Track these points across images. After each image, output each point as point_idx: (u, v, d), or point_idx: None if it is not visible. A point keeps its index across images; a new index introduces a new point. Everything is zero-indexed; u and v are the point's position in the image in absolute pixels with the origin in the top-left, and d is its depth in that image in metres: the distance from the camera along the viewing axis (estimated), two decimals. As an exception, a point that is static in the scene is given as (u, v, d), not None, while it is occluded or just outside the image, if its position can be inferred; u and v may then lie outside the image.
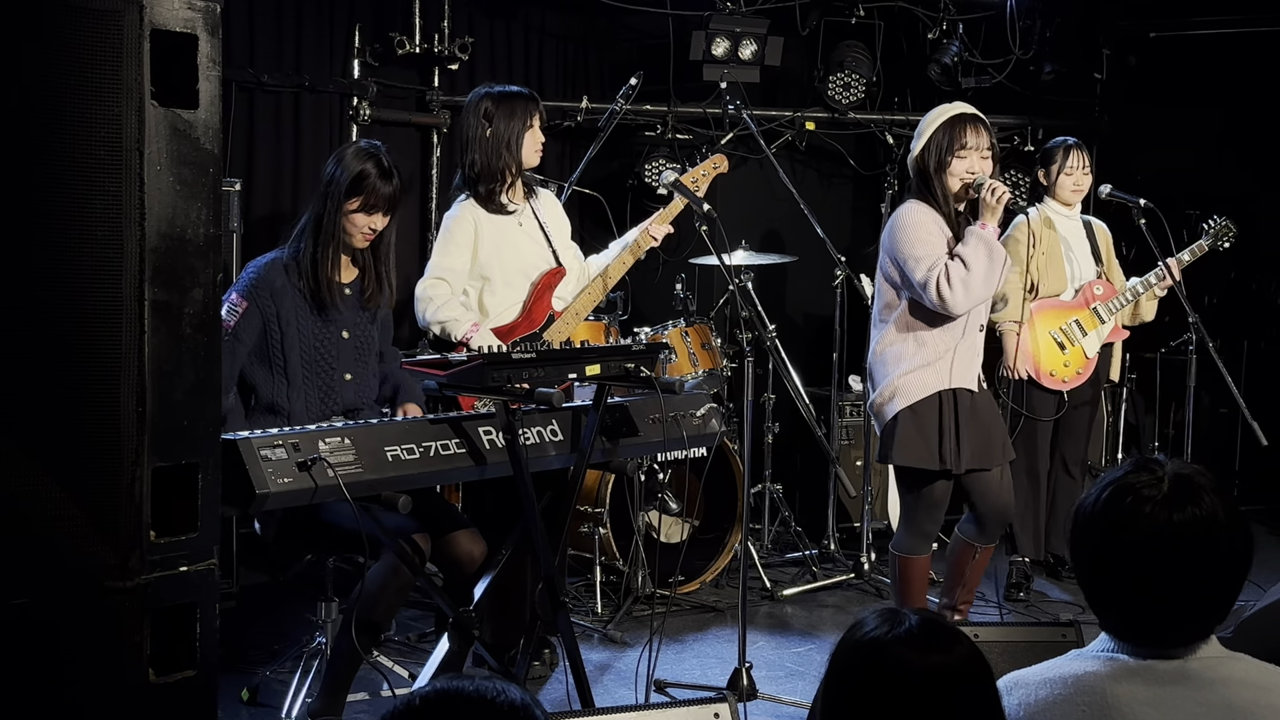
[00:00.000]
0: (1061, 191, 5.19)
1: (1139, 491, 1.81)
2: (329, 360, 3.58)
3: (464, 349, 4.21)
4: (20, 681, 1.96)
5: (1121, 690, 1.80)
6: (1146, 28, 6.92)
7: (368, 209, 3.57)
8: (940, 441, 3.93)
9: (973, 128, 3.92)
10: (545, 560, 3.18)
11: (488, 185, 4.17)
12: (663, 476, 5.10)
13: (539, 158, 4.29)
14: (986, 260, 3.84)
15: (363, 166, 3.57)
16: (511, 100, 4.18)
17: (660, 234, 4.38)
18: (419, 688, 1.49)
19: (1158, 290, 5.16)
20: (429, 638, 4.51)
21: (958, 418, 3.94)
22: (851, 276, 5.50)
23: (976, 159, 3.91)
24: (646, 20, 6.19)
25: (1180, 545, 1.78)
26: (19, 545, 1.94)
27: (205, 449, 2.13)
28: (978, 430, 3.96)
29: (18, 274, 1.92)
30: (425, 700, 1.46)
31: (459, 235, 4.15)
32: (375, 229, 3.62)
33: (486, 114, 4.15)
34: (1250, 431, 4.83)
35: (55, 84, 1.94)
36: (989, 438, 3.99)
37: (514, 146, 4.15)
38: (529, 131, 4.18)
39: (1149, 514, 1.79)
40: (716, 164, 4.53)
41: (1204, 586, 1.80)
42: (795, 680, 4.27)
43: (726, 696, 2.29)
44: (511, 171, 4.17)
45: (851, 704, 1.65)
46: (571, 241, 4.47)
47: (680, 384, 3.33)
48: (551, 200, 4.46)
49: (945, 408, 3.94)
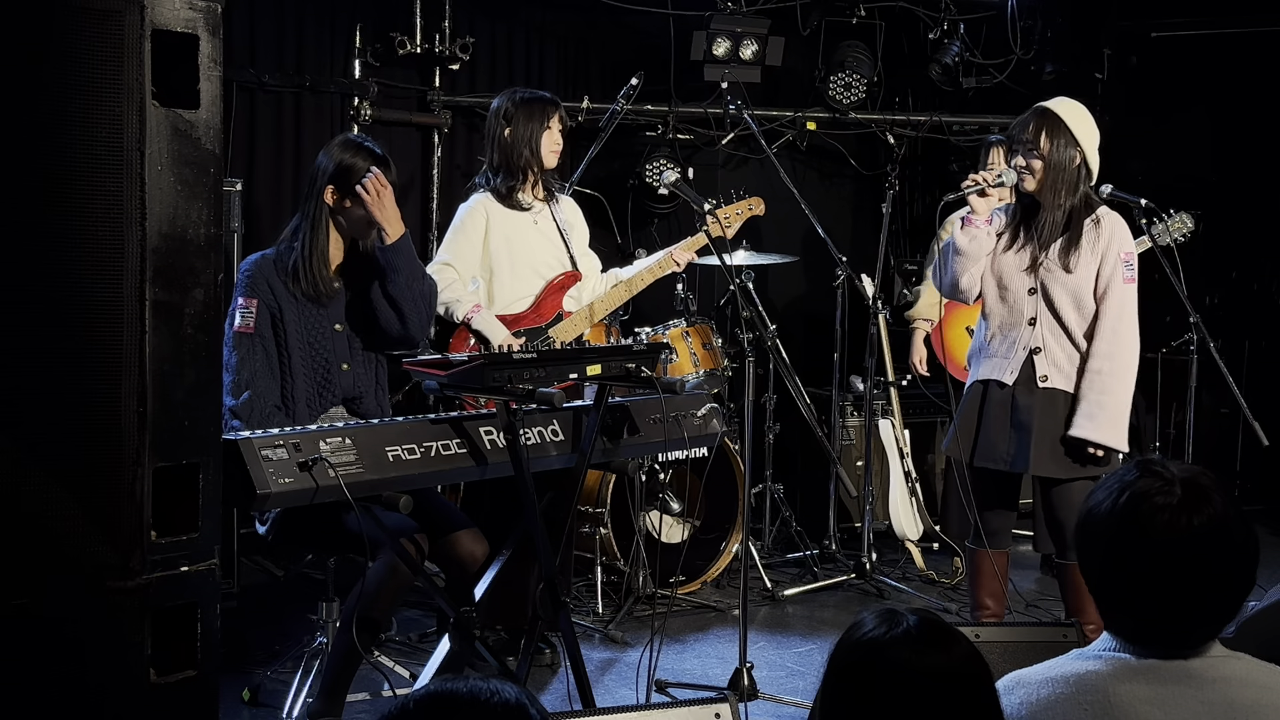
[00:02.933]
0: None
1: (1153, 499, 1.81)
2: (325, 353, 3.59)
3: (466, 330, 4.27)
4: (21, 681, 1.96)
5: (1123, 689, 1.80)
6: (1148, 28, 6.92)
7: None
8: (960, 429, 3.95)
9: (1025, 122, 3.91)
10: (546, 560, 3.18)
11: (506, 183, 4.32)
12: (664, 477, 5.11)
13: (556, 159, 4.38)
14: (951, 252, 3.96)
15: (353, 160, 3.57)
16: (530, 103, 4.32)
17: (684, 260, 4.57)
18: (413, 690, 1.49)
19: None
20: (430, 638, 4.52)
21: (981, 410, 3.93)
22: (853, 276, 5.50)
23: (1021, 153, 3.89)
24: (647, 20, 6.20)
25: (1197, 548, 1.79)
26: (20, 545, 1.94)
27: (206, 449, 2.13)
28: (993, 429, 3.91)
29: (19, 274, 1.93)
30: (419, 704, 1.45)
31: (469, 225, 4.27)
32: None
33: (506, 115, 4.31)
34: (1251, 432, 4.83)
35: (56, 84, 1.94)
36: (1002, 439, 3.90)
37: (533, 147, 4.26)
38: (546, 133, 4.31)
39: (1168, 520, 1.79)
40: (753, 205, 4.63)
41: (1219, 588, 1.81)
42: (796, 680, 4.27)
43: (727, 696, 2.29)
44: (531, 171, 4.29)
45: (850, 704, 1.64)
46: (590, 250, 4.55)
47: (681, 384, 3.33)
48: (573, 207, 4.56)
49: (975, 400, 3.96)
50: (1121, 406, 3.82)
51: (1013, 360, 3.91)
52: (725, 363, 5.26)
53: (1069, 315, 3.87)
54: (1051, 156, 3.82)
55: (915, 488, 5.60)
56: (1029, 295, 3.89)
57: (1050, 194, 3.85)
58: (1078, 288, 3.85)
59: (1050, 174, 3.83)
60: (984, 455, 3.93)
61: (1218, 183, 6.90)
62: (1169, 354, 6.55)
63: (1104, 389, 3.81)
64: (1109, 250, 3.86)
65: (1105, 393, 3.80)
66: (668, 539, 5.16)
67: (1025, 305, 3.91)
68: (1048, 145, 3.83)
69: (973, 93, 6.84)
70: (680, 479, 5.20)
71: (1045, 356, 3.88)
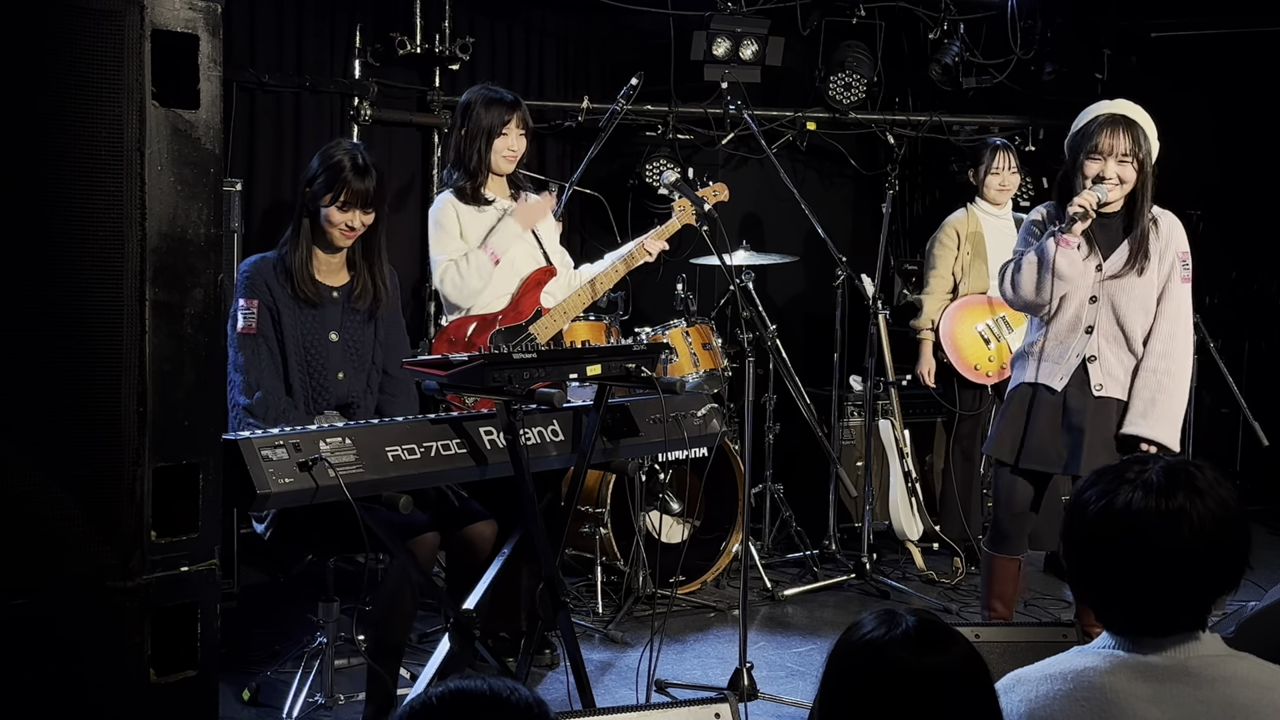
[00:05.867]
0: (989, 191, 5.50)
1: (1126, 481, 1.83)
2: (320, 360, 3.60)
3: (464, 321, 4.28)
4: (22, 681, 1.96)
5: (1122, 686, 1.80)
6: (1147, 28, 6.91)
7: (342, 205, 3.58)
8: (1007, 432, 3.90)
9: (1111, 131, 3.76)
10: (546, 560, 3.19)
11: (460, 181, 4.29)
12: (664, 477, 5.11)
13: (510, 164, 4.33)
14: (1037, 265, 3.78)
15: (336, 162, 3.59)
16: (489, 104, 4.28)
17: (655, 249, 4.50)
18: (433, 687, 1.51)
19: None
20: (430, 637, 4.52)
21: (1030, 412, 3.88)
22: (853, 276, 5.50)
23: (1112, 164, 3.76)
24: (647, 20, 6.19)
25: (1158, 533, 1.79)
26: (20, 545, 1.94)
27: (206, 449, 2.13)
28: (1044, 431, 3.87)
29: (18, 274, 1.93)
30: (442, 699, 1.48)
31: (446, 222, 4.27)
32: (353, 226, 3.61)
33: (465, 113, 4.25)
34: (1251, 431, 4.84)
35: (56, 84, 1.94)
36: (1054, 442, 3.86)
37: (482, 150, 4.23)
38: (500, 137, 4.24)
39: (1131, 502, 1.81)
40: (717, 191, 4.62)
41: (1185, 577, 1.81)
42: (796, 680, 4.27)
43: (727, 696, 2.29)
44: (482, 170, 4.24)
45: (849, 705, 1.65)
46: (561, 247, 4.53)
47: (681, 384, 3.33)
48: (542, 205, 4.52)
49: (1023, 402, 3.90)
50: (1177, 406, 3.81)
51: (1064, 365, 3.86)
52: (725, 363, 5.26)
53: (1135, 320, 3.82)
54: (1146, 164, 3.78)
55: (915, 488, 5.59)
56: (1090, 304, 3.84)
57: (1143, 201, 3.80)
58: (1146, 292, 3.81)
59: (1142, 181, 3.79)
60: (1032, 458, 3.87)
61: (1218, 183, 6.90)
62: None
63: (1159, 388, 3.80)
64: (1167, 250, 3.83)
65: (1161, 391, 3.79)
66: (668, 539, 5.16)
67: (1085, 313, 3.85)
68: (1142, 153, 3.77)
69: (973, 93, 6.84)
70: (680, 479, 5.20)
71: (1100, 365, 3.84)
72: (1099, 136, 3.77)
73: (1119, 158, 3.76)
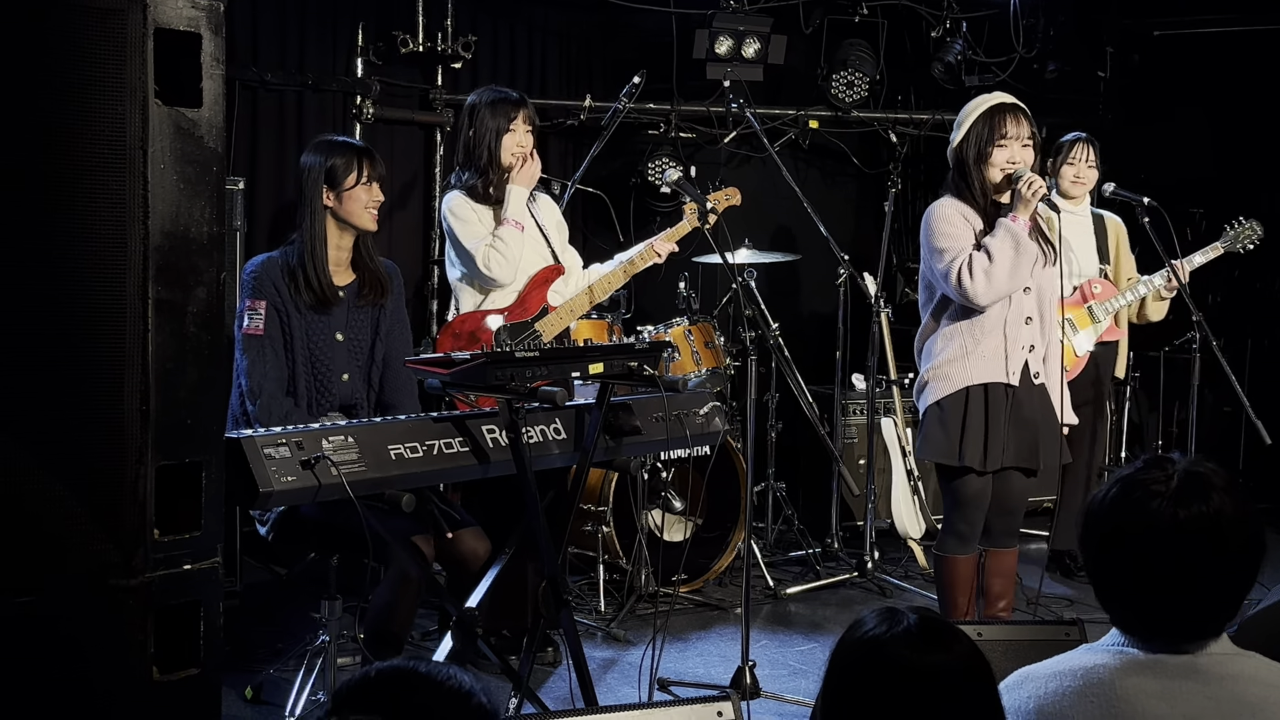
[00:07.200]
0: (1062, 182, 5.25)
1: (1147, 487, 1.81)
2: (325, 360, 3.60)
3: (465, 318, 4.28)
4: (24, 679, 1.97)
5: (1130, 683, 1.80)
6: (1150, 26, 6.91)
7: (368, 181, 3.60)
8: (963, 437, 3.87)
9: (1013, 117, 3.88)
10: (549, 558, 3.19)
11: (472, 180, 4.27)
12: (666, 475, 5.10)
13: (519, 161, 4.32)
14: (1013, 253, 3.78)
15: (343, 144, 3.64)
16: (495, 103, 4.28)
17: (665, 251, 4.48)
18: (369, 666, 1.55)
19: (1164, 292, 5.14)
20: (432, 636, 4.52)
21: (987, 414, 3.87)
22: (855, 275, 5.50)
23: (1017, 148, 3.86)
24: (650, 19, 6.19)
25: (1185, 541, 1.78)
26: (23, 543, 1.95)
27: (209, 447, 2.13)
28: (1019, 428, 3.88)
29: (21, 272, 1.93)
30: (381, 674, 1.50)
31: (464, 214, 4.25)
32: (379, 200, 3.67)
33: (472, 113, 4.25)
34: (1254, 430, 4.83)
35: (59, 83, 1.94)
36: (1033, 437, 3.90)
37: (491, 147, 4.23)
38: (508, 134, 4.24)
39: (1155, 509, 1.79)
40: (729, 195, 4.59)
41: (1210, 584, 1.80)
42: (798, 679, 4.27)
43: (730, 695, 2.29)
44: (492, 171, 4.24)
45: (851, 703, 1.65)
46: (570, 246, 4.53)
47: (683, 382, 3.33)
48: (550, 204, 4.53)
49: (973, 404, 3.87)
50: None
51: (1014, 359, 3.89)
52: (727, 361, 5.26)
53: (1051, 307, 3.97)
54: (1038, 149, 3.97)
55: (918, 486, 5.59)
56: (1025, 294, 3.91)
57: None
58: (1054, 279, 3.95)
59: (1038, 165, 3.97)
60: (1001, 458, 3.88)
61: (1219, 181, 6.90)
62: (1172, 352, 6.56)
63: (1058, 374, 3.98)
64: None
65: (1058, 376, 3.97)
66: (670, 537, 5.16)
67: (1026, 304, 3.92)
68: (1036, 138, 3.95)
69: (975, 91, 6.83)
70: (682, 477, 5.20)
71: (1036, 354, 3.95)
72: (1005, 124, 3.88)
73: (1022, 142, 3.88)
